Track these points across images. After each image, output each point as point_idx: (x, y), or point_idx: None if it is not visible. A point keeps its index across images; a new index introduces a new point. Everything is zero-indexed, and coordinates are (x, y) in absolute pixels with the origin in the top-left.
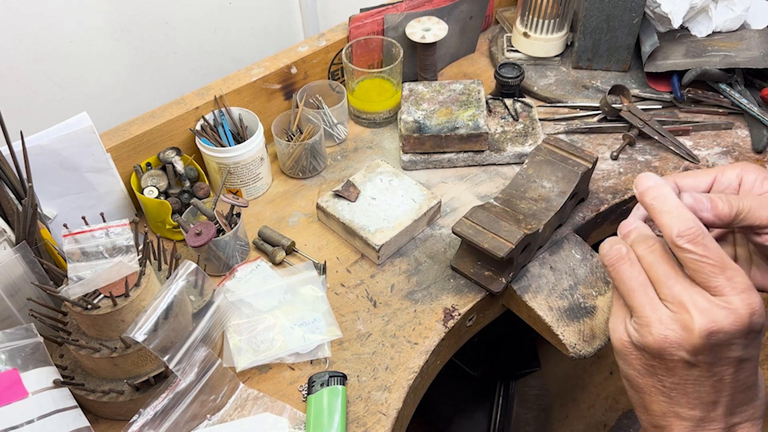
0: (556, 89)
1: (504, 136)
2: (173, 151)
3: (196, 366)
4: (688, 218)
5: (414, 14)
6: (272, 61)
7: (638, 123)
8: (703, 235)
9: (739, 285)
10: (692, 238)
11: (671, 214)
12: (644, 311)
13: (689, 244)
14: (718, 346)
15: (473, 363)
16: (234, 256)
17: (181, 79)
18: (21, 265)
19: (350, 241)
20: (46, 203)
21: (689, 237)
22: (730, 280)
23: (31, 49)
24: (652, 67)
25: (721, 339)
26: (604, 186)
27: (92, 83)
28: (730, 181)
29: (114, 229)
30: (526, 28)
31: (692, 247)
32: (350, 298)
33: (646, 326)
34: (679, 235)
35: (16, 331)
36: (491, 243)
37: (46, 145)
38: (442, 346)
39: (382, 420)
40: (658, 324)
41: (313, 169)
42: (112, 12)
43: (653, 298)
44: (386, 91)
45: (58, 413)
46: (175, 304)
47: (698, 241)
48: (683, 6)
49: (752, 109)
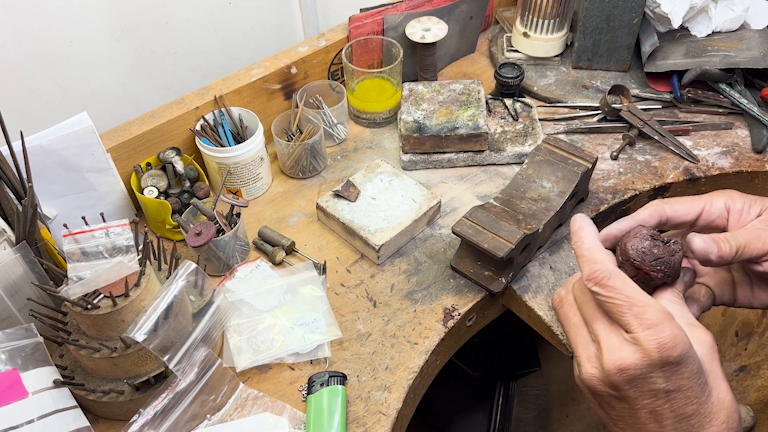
0: (556, 89)
1: (504, 136)
2: (173, 151)
3: (196, 366)
4: (596, 261)
5: (414, 14)
6: (272, 61)
7: (638, 123)
8: (609, 277)
9: (647, 321)
10: (598, 281)
11: (583, 258)
12: (577, 350)
13: (596, 286)
14: (634, 379)
15: (473, 363)
16: (234, 256)
17: (181, 79)
18: (21, 265)
19: (350, 241)
20: (46, 203)
21: (595, 279)
22: (637, 317)
23: (31, 49)
24: (652, 67)
25: (634, 374)
26: (604, 186)
27: (92, 83)
28: (720, 211)
29: (114, 229)
30: (526, 28)
31: (598, 289)
32: (350, 298)
33: (579, 365)
34: (587, 279)
35: (16, 331)
36: (491, 243)
37: (46, 145)
38: (442, 346)
39: (382, 420)
40: (586, 363)
41: (313, 169)
42: (112, 12)
43: (584, 337)
44: (386, 91)
45: (58, 413)
46: (175, 304)
47: (603, 283)
48: (683, 6)
49: (752, 109)
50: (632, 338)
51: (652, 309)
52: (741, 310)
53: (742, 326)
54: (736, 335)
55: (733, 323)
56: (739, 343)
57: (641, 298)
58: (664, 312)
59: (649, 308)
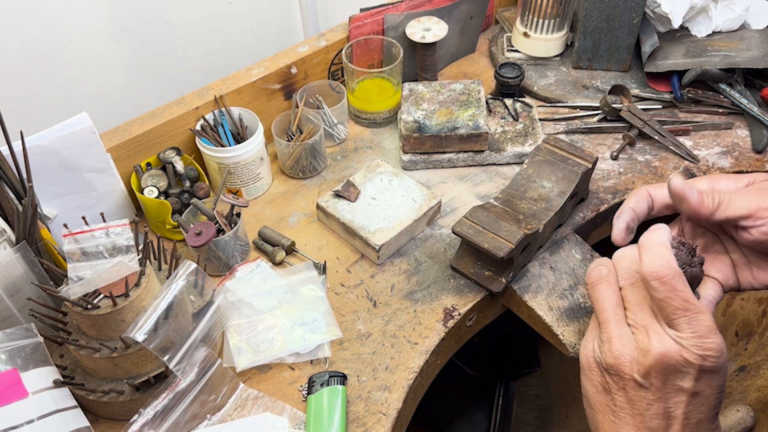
0: (556, 89)
1: (504, 136)
2: (173, 151)
3: (196, 366)
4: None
5: (414, 14)
6: (272, 61)
7: (638, 123)
8: (674, 277)
9: (698, 329)
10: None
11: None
12: (609, 327)
13: (656, 282)
14: (668, 371)
15: (473, 363)
16: (234, 256)
17: (181, 79)
18: (21, 265)
19: (350, 241)
20: (46, 203)
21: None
22: (690, 323)
23: (31, 49)
24: (652, 67)
25: (671, 364)
26: (604, 186)
27: (92, 83)
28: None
29: (114, 229)
30: (526, 28)
31: (658, 284)
32: (350, 298)
33: (608, 342)
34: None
35: (16, 331)
36: (491, 243)
37: (46, 145)
38: (442, 346)
39: (382, 420)
40: (617, 341)
41: (313, 169)
42: (112, 12)
43: (621, 318)
44: (386, 91)
45: (58, 413)
46: (175, 304)
47: (666, 281)
48: (683, 6)
49: (752, 109)
50: (680, 336)
51: (704, 317)
52: (741, 310)
53: (742, 326)
54: (736, 335)
55: (733, 323)
56: (739, 343)
57: (697, 304)
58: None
59: (703, 316)
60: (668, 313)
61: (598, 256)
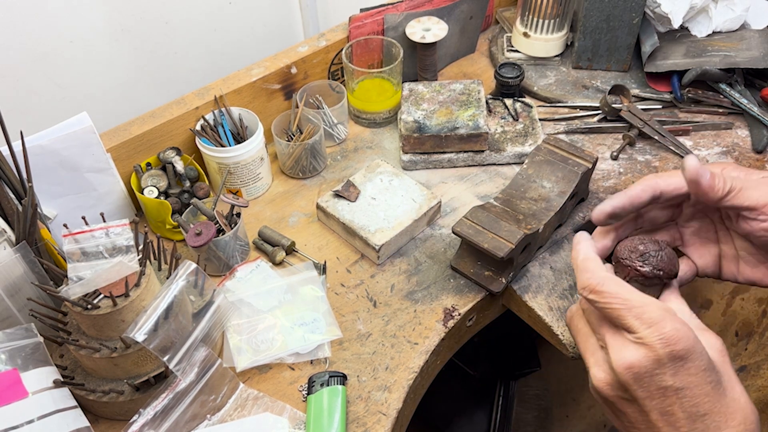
0: (556, 89)
1: (504, 136)
2: (173, 151)
3: (196, 366)
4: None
5: (414, 14)
6: (272, 61)
7: (638, 123)
8: (602, 283)
9: (648, 319)
10: (591, 288)
11: (578, 269)
12: (586, 358)
13: (591, 294)
14: (642, 377)
15: (473, 363)
16: (234, 256)
17: (181, 79)
18: (21, 265)
19: (350, 241)
20: (46, 203)
21: (588, 287)
22: (638, 317)
23: (31, 49)
24: (652, 67)
25: (640, 371)
26: (604, 186)
27: (92, 83)
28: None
29: (114, 229)
30: (526, 28)
31: (594, 296)
32: (350, 298)
33: (590, 372)
34: (582, 288)
35: (16, 331)
36: (491, 243)
37: (46, 145)
38: (442, 346)
39: (382, 420)
40: (595, 368)
41: (313, 169)
42: (112, 12)
43: (593, 344)
44: (386, 91)
45: (58, 413)
46: (175, 304)
47: (597, 290)
48: (683, 6)
49: (752, 109)
50: (636, 338)
51: (651, 307)
52: (741, 310)
53: (742, 326)
54: (736, 335)
55: (733, 323)
56: (739, 343)
57: (637, 298)
58: (664, 308)
59: (648, 306)
60: (617, 320)
61: None
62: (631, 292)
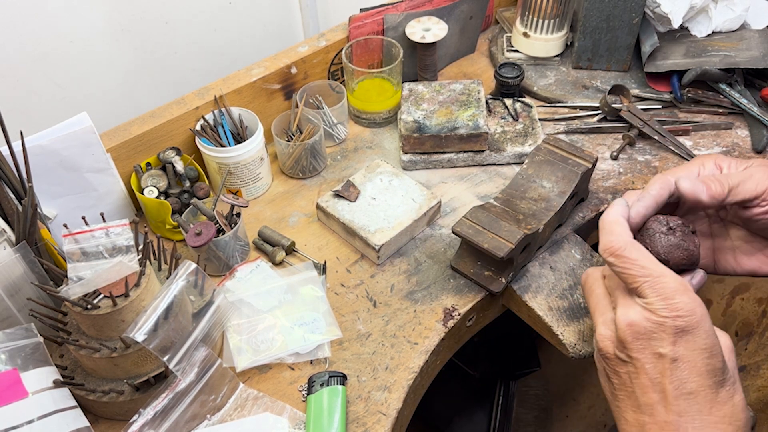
0: (556, 89)
1: (504, 136)
2: (173, 151)
3: (196, 366)
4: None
5: (414, 14)
6: (272, 61)
7: (638, 123)
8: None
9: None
10: (613, 251)
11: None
12: (594, 317)
13: (611, 257)
14: (641, 338)
15: (473, 363)
16: (234, 256)
17: (181, 79)
18: (21, 265)
19: (350, 241)
20: (46, 203)
21: (610, 250)
22: (652, 287)
23: (31, 49)
24: (652, 67)
25: (641, 331)
26: (604, 186)
27: (92, 83)
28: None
29: (114, 229)
30: (526, 28)
31: (613, 259)
32: (350, 298)
33: (596, 329)
34: (603, 250)
35: (16, 331)
36: (491, 243)
37: (46, 145)
38: (442, 346)
39: (382, 420)
40: (601, 326)
41: (313, 169)
42: (112, 12)
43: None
44: (386, 91)
45: (58, 413)
46: (175, 304)
47: (618, 254)
48: (683, 6)
49: (752, 109)
50: (645, 303)
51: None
52: (741, 310)
53: (742, 326)
54: (736, 335)
55: (733, 323)
56: (739, 343)
57: (656, 268)
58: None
59: (664, 278)
60: (630, 283)
61: (597, 256)
62: (651, 262)
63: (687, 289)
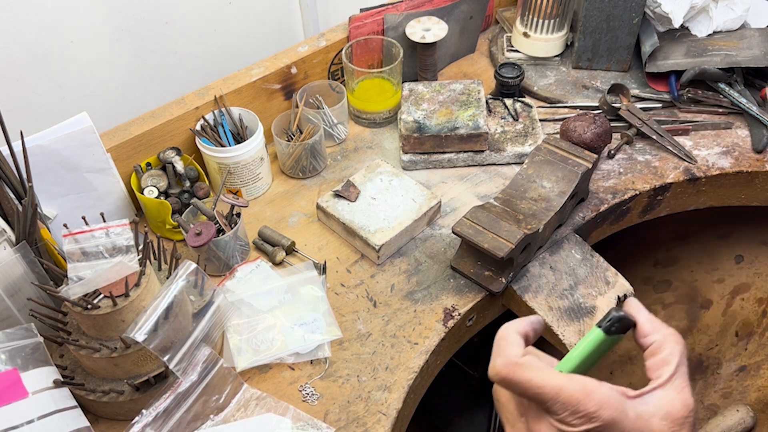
0: (556, 89)
1: (504, 136)
2: (173, 151)
3: (199, 366)
4: (501, 355)
5: (414, 14)
6: (272, 61)
7: (637, 122)
8: (514, 372)
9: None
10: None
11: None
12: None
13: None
14: None
15: (473, 363)
16: (234, 256)
17: (181, 79)
18: (21, 265)
19: (350, 241)
20: (46, 203)
21: (498, 377)
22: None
23: (31, 49)
24: (653, 67)
25: None
26: (604, 186)
27: (92, 83)
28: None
29: (114, 229)
30: (526, 28)
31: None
32: (350, 298)
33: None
34: (494, 377)
35: (16, 331)
36: (491, 243)
37: (46, 145)
38: (442, 346)
39: (382, 420)
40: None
41: (313, 169)
42: (112, 12)
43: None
44: (386, 91)
45: (58, 413)
46: (175, 304)
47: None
48: (684, 6)
49: (752, 108)
50: (558, 420)
51: (568, 388)
52: (741, 310)
53: (742, 326)
54: (736, 335)
55: (733, 323)
56: (739, 343)
57: (553, 383)
58: (581, 384)
59: (565, 390)
60: (534, 402)
61: (597, 256)
62: (545, 377)
63: (592, 389)
